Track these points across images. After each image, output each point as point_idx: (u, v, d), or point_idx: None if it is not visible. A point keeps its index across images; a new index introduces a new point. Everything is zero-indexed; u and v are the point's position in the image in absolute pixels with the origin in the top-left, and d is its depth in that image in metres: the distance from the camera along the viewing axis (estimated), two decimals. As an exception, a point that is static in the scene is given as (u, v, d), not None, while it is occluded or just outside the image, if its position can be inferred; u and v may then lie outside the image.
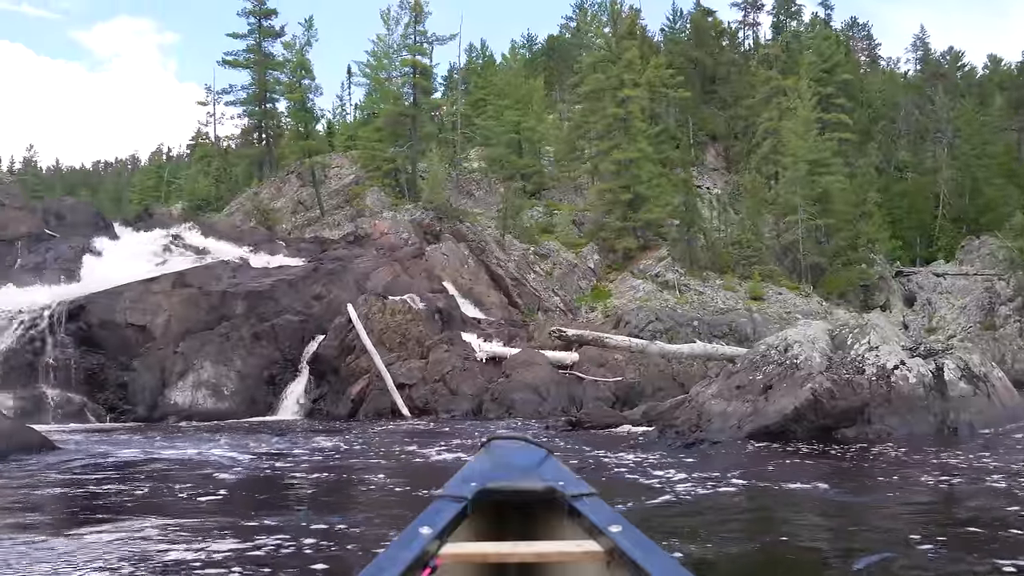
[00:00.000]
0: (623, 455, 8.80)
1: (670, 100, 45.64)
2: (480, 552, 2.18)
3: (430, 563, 1.99)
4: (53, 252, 23.88)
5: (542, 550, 2.20)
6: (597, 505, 2.33)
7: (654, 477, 7.02)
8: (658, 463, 7.96)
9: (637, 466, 7.73)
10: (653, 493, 6.05)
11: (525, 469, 2.57)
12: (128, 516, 5.56)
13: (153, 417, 16.94)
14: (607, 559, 2.10)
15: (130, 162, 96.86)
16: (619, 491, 6.34)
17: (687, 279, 31.03)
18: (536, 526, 2.54)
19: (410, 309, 19.41)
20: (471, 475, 2.50)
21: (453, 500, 2.31)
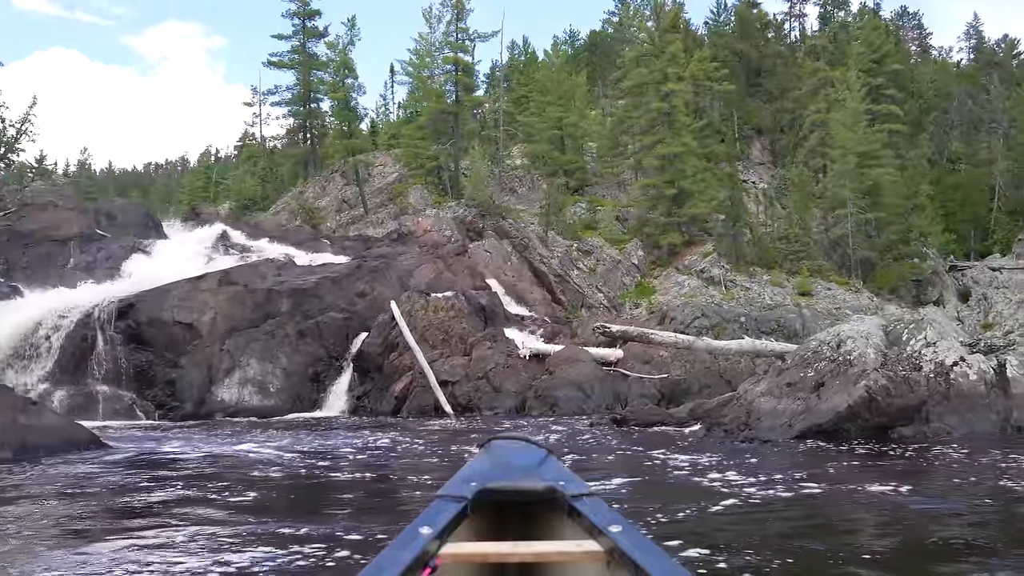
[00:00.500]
0: (673, 454, 8.57)
1: (714, 93, 45.02)
2: (480, 552, 2.17)
3: (430, 563, 1.99)
4: (104, 252, 24.36)
5: (542, 550, 2.19)
6: (597, 505, 2.32)
7: (711, 479, 6.77)
8: (712, 464, 7.71)
9: (692, 467, 7.49)
10: (714, 497, 5.80)
11: (525, 469, 2.57)
12: (166, 517, 5.52)
13: (200, 414, 17.10)
14: (607, 559, 2.10)
15: (180, 164, 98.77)
16: (678, 495, 6.12)
17: (733, 275, 30.54)
18: (536, 526, 2.54)
19: (453, 306, 19.34)
20: (471, 475, 2.50)
21: (453, 500, 2.31)
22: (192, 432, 12.78)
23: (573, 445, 9.78)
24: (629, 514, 4.98)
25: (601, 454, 8.80)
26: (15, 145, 38.48)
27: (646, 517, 4.96)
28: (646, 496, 6.04)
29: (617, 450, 9.09)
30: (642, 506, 5.38)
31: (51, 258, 23.71)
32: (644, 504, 5.46)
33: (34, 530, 5.25)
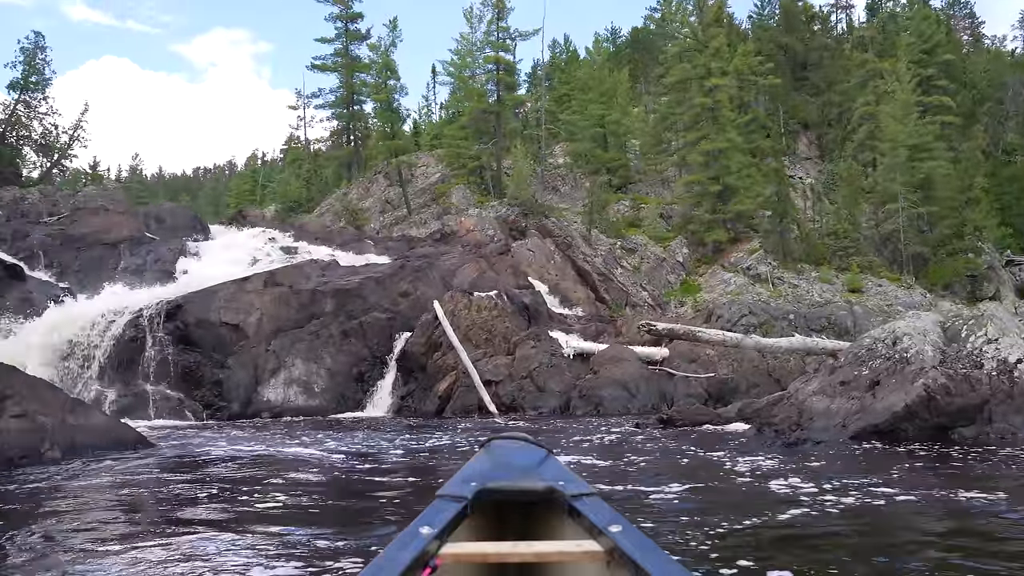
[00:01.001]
0: (727, 456, 8.30)
1: (759, 88, 44.38)
2: (480, 552, 2.17)
3: (430, 563, 1.99)
4: (153, 254, 24.74)
5: (542, 550, 2.18)
6: (597, 505, 2.32)
7: (771, 484, 6.43)
8: (770, 467, 7.42)
9: (749, 471, 7.20)
10: (779, 506, 5.46)
11: (525, 469, 2.56)
12: (205, 520, 5.48)
13: (247, 413, 17.23)
14: (607, 559, 2.09)
15: (227, 168, 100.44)
16: (741, 503, 5.84)
17: (780, 272, 30.05)
18: (536, 526, 2.54)
19: (496, 305, 19.24)
20: (471, 475, 2.49)
21: (453, 500, 2.31)
22: (238, 432, 12.85)
23: (621, 446, 9.57)
24: (695, 525, 4.74)
25: (651, 456, 8.59)
26: (68, 151, 39.53)
27: (714, 528, 4.69)
28: (708, 504, 5.78)
29: (668, 452, 8.86)
30: (706, 516, 5.10)
31: (102, 261, 24.14)
32: (708, 514, 5.18)
33: (78, 529, 5.25)
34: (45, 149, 38.64)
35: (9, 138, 36.87)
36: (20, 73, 36.54)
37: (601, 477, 7.08)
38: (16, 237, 24.52)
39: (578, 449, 9.18)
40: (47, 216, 26.59)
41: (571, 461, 8.10)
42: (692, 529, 4.62)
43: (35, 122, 37.77)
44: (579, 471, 7.42)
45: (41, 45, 37.31)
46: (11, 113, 36.91)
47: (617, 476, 7.12)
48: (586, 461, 8.13)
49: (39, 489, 6.81)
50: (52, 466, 7.90)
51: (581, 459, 8.24)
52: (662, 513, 5.34)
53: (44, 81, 37.31)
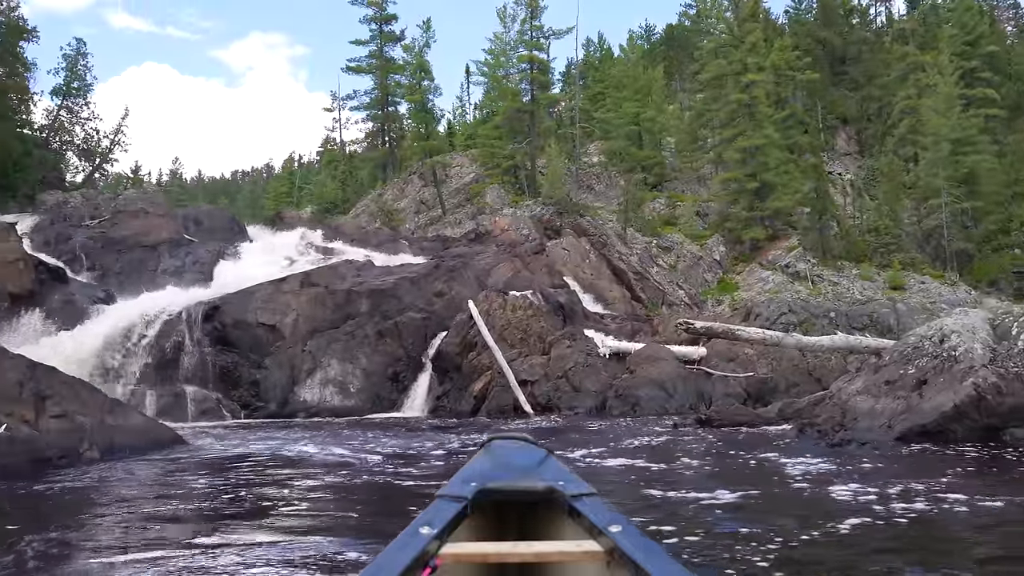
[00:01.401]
0: (772, 458, 8.05)
1: (797, 83, 43.73)
2: (480, 552, 2.17)
3: (430, 563, 1.98)
4: (192, 256, 25.01)
5: (542, 550, 2.18)
6: (597, 505, 2.31)
7: (822, 489, 6.20)
8: (818, 470, 7.16)
9: (798, 475, 6.95)
10: (838, 512, 5.14)
11: (525, 469, 2.56)
12: (234, 523, 5.44)
13: (283, 413, 17.32)
14: (607, 559, 2.09)
15: (265, 170, 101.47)
16: (794, 509, 5.61)
17: (820, 269, 29.60)
18: (536, 526, 2.54)
19: (531, 305, 19.13)
20: (471, 475, 2.49)
21: (453, 500, 2.31)
22: (273, 432, 12.90)
23: (664, 448, 9.38)
24: (755, 537, 4.53)
25: (697, 459, 8.38)
26: (109, 155, 40.17)
27: (775, 539, 4.49)
28: (764, 512, 5.56)
29: (712, 454, 8.65)
30: (765, 525, 4.84)
31: (142, 263, 24.46)
32: (766, 523, 4.95)
33: (112, 530, 5.25)
34: (87, 154, 39.31)
35: (53, 143, 37.55)
36: (63, 79, 37.21)
37: (650, 481, 6.88)
38: (59, 240, 24.95)
39: (620, 451, 9.01)
40: (89, 219, 27.00)
41: (618, 465, 7.92)
42: (752, 541, 4.43)
43: (77, 127, 38.47)
44: (626, 475, 7.24)
45: (83, 51, 37.99)
46: (54, 118, 37.60)
47: (666, 480, 6.94)
48: (630, 464, 7.96)
49: (76, 489, 6.85)
50: (90, 466, 7.96)
51: (626, 462, 8.04)
52: (718, 521, 5.14)
53: (86, 87, 37.97)
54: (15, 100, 33.00)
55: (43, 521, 5.57)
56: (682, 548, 4.27)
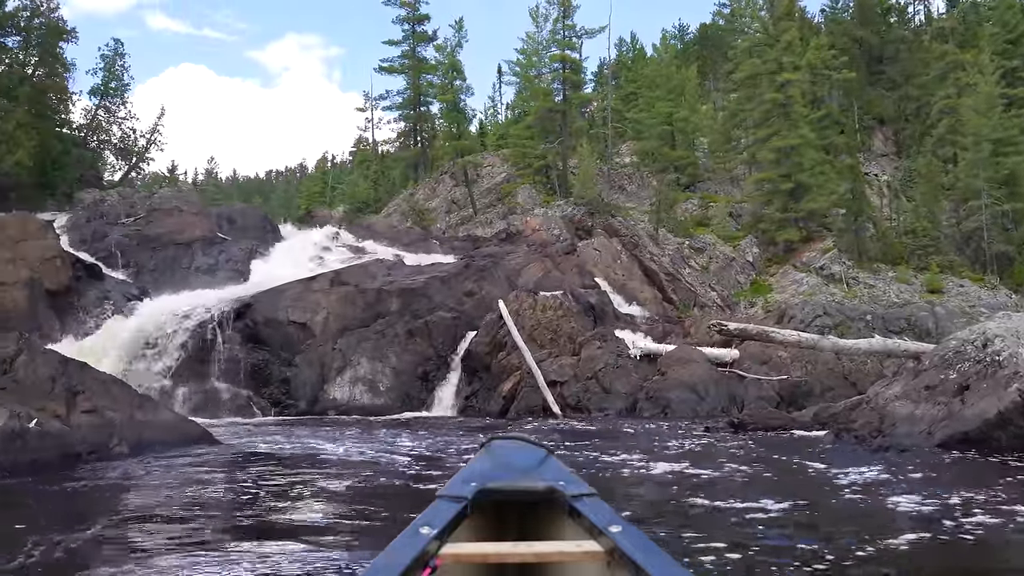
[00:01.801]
0: (811, 464, 7.79)
1: (833, 83, 43.06)
2: (480, 552, 2.17)
3: (430, 563, 1.98)
4: (224, 254, 25.22)
5: (542, 550, 2.18)
6: (597, 505, 2.31)
7: (872, 498, 5.93)
8: (864, 479, 6.85)
9: (846, 483, 6.64)
10: (891, 524, 5.01)
11: (525, 469, 2.56)
12: (257, 522, 5.40)
13: (314, 411, 17.37)
14: (607, 559, 2.09)
15: (298, 170, 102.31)
16: (840, 520, 5.37)
17: (855, 271, 29.07)
18: (536, 526, 2.54)
19: (561, 305, 19.01)
20: (471, 475, 2.49)
21: (453, 500, 2.31)
22: (303, 430, 12.91)
23: (700, 452, 9.17)
24: (810, 554, 4.31)
25: (734, 464, 8.15)
26: (145, 155, 40.69)
27: (829, 554, 4.29)
28: (813, 523, 5.34)
29: (749, 459, 8.42)
30: (817, 539, 4.65)
31: (176, 261, 24.71)
32: (818, 536, 4.72)
33: (138, 526, 5.23)
34: (124, 153, 39.84)
35: (90, 142, 38.10)
36: (101, 79, 37.73)
37: (689, 489, 6.65)
38: (95, 238, 25.29)
39: (654, 455, 8.83)
40: (125, 217, 27.35)
41: (654, 471, 7.71)
42: (804, 558, 4.24)
43: (114, 126, 38.99)
44: (663, 483, 7.00)
45: (120, 52, 38.49)
46: (92, 118, 38.14)
47: (705, 488, 6.73)
48: (667, 470, 7.76)
49: (105, 485, 6.86)
50: (120, 461, 7.98)
51: (662, 468, 7.81)
52: (764, 535, 4.90)
53: (123, 87, 38.47)
54: (54, 100, 33.53)
55: (71, 517, 5.56)
56: (729, 565, 4.09)
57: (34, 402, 7.89)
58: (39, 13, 32.64)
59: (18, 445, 6.86)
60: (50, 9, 33.17)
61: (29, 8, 32.46)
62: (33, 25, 32.54)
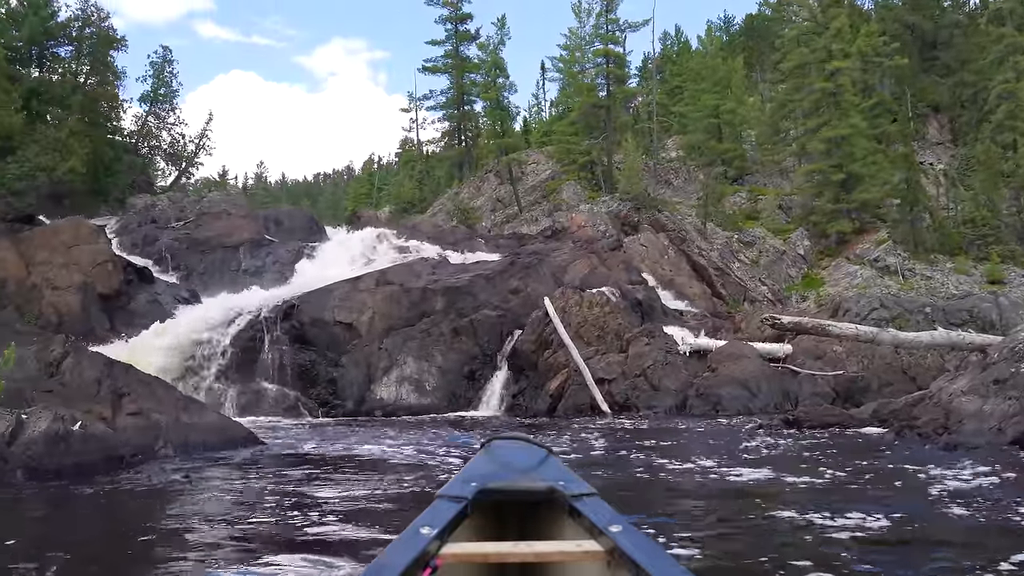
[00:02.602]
0: (878, 465, 7.33)
1: (884, 70, 41.96)
2: (480, 552, 2.15)
3: (430, 563, 1.97)
4: (272, 256, 25.41)
5: (542, 550, 2.16)
6: (598, 505, 2.30)
7: (958, 506, 5.41)
8: (957, 487, 6.22)
9: (940, 492, 6.02)
10: (993, 544, 4.50)
11: (525, 469, 2.55)
12: (301, 525, 5.26)
13: (360, 411, 17.33)
14: (608, 559, 2.08)
15: (345, 172, 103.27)
16: (936, 532, 4.84)
17: (911, 263, 28.26)
18: (536, 526, 2.53)
19: (608, 301, 18.71)
20: (471, 475, 2.48)
21: (453, 500, 2.30)
22: (349, 431, 12.85)
23: (755, 453, 8.76)
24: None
25: (792, 464, 7.71)
26: (194, 159, 41.32)
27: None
28: (898, 535, 4.79)
29: (809, 459, 7.95)
30: (917, 562, 4.17)
31: (224, 263, 24.97)
32: (915, 559, 4.24)
33: (183, 528, 5.14)
34: (173, 158, 40.52)
35: (141, 148, 38.80)
36: (150, 86, 38.40)
37: (757, 497, 6.14)
38: (146, 242, 25.68)
39: (711, 456, 8.46)
40: (175, 221, 27.75)
41: (714, 474, 7.34)
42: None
43: (164, 132, 39.66)
44: (727, 489, 6.58)
45: (168, 59, 39.16)
46: (142, 124, 38.83)
47: (775, 496, 6.16)
48: (727, 473, 7.35)
49: (149, 488, 6.82)
50: (165, 463, 7.95)
51: (722, 471, 7.37)
52: (854, 552, 4.29)
53: (172, 93, 39.13)
54: (106, 107, 34.19)
55: (114, 520, 5.50)
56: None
57: (80, 404, 7.90)
58: (90, 23, 33.31)
59: (62, 448, 6.85)
60: (100, 19, 33.87)
61: (81, 18, 33.15)
62: (85, 35, 33.24)
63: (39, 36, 31.58)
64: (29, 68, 31.90)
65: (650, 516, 5.13)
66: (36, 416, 6.85)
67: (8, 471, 6.50)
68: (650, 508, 5.72)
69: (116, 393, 8.30)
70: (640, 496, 6.47)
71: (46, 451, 6.69)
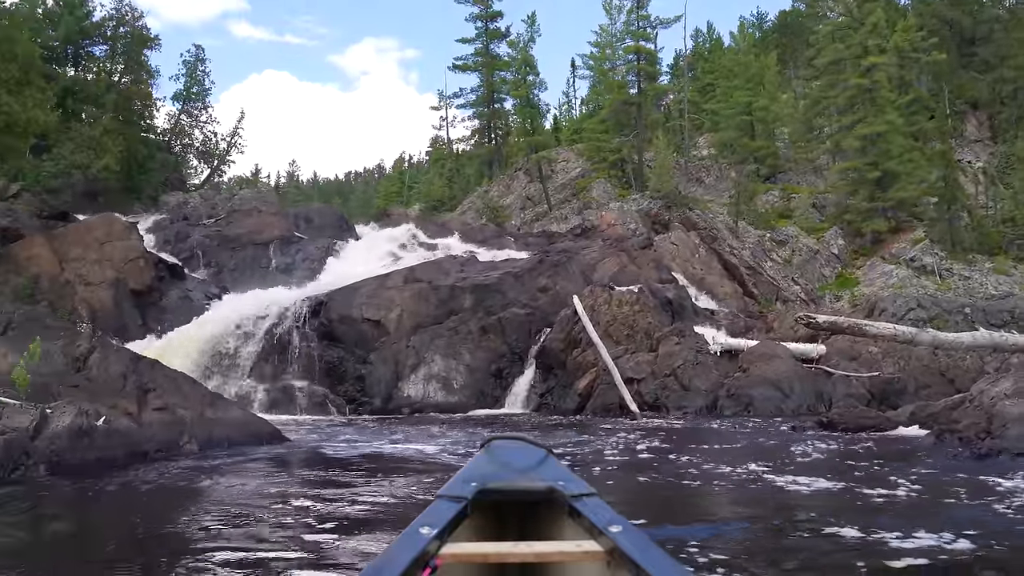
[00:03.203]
0: (921, 472, 6.99)
1: (921, 66, 41.16)
2: (480, 552, 2.16)
3: (430, 563, 1.97)
4: (301, 253, 25.48)
5: (542, 550, 2.17)
6: (597, 505, 2.31)
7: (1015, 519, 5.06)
8: (999, 494, 5.86)
9: (995, 500, 5.62)
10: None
11: (525, 469, 2.56)
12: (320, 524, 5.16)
13: (388, 409, 17.29)
14: (607, 559, 2.09)
15: (376, 171, 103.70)
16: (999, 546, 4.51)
17: (949, 263, 27.66)
18: (536, 526, 2.54)
19: (637, 300, 18.49)
20: (471, 475, 2.48)
21: (453, 500, 2.30)
22: (375, 428, 12.80)
23: (793, 458, 8.44)
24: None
25: (827, 468, 7.40)
26: (227, 157, 41.64)
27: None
28: (971, 558, 4.36)
29: (848, 463, 7.60)
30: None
31: (254, 260, 25.07)
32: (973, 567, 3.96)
33: (202, 525, 5.07)
34: (206, 155, 40.85)
35: (175, 146, 39.16)
36: (183, 85, 38.74)
37: (799, 510, 5.71)
38: (178, 239, 25.86)
39: (745, 459, 8.21)
40: (206, 219, 27.96)
41: (752, 483, 7.01)
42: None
43: (196, 130, 39.98)
44: (768, 498, 6.28)
45: (201, 58, 39.47)
46: (175, 123, 39.18)
47: (824, 510, 5.65)
48: (764, 477, 7.01)
49: (172, 484, 6.77)
50: (189, 458, 7.91)
51: (757, 473, 7.13)
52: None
53: (204, 91, 39.42)
54: (139, 106, 34.53)
55: (132, 517, 5.44)
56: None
57: (106, 399, 7.89)
58: (125, 22, 33.67)
59: (85, 443, 6.82)
60: (135, 18, 34.21)
61: (115, 18, 33.52)
62: (119, 34, 33.60)
63: (74, 35, 31.99)
64: (65, 67, 32.30)
65: (678, 525, 4.95)
66: (60, 411, 6.83)
67: (31, 466, 6.49)
68: (677, 516, 5.54)
69: (142, 388, 8.28)
70: (667, 503, 6.29)
71: (69, 446, 6.66)
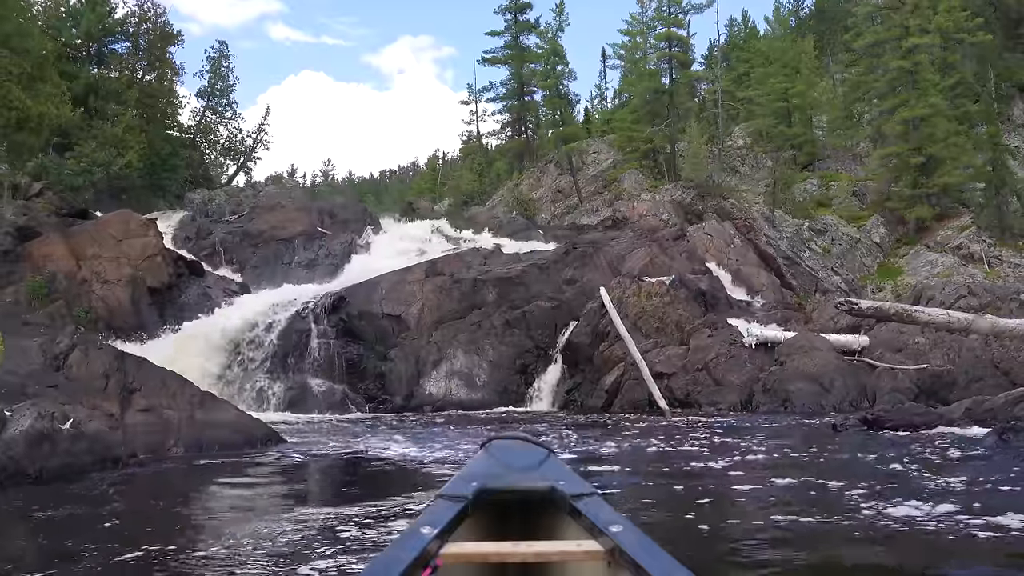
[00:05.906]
0: (988, 477, 6.08)
1: (966, 48, 39.61)
2: (481, 552, 2.13)
3: (431, 563, 1.94)
4: (324, 249, 25.01)
5: (543, 550, 2.14)
6: (598, 505, 2.28)
7: None
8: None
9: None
10: None
11: (526, 469, 2.53)
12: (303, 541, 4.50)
13: (409, 407, 16.72)
14: (608, 559, 2.07)
15: (410, 168, 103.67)
16: None
17: (997, 250, 26.40)
18: (537, 526, 2.49)
19: (668, 291, 17.63)
20: (472, 475, 2.46)
21: (454, 500, 2.27)
22: (390, 428, 12.17)
23: (840, 463, 7.52)
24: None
25: (877, 472, 6.51)
26: (252, 154, 41.42)
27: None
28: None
29: (899, 469, 6.63)
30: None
31: (277, 256, 24.67)
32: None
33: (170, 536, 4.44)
34: (230, 152, 40.61)
35: (200, 143, 38.97)
36: (207, 81, 38.48)
37: (867, 524, 4.79)
38: (200, 235, 25.54)
39: (783, 459, 7.41)
40: (230, 215, 27.62)
41: (802, 493, 6.12)
42: None
43: (221, 127, 39.73)
44: (809, 505, 5.44)
45: (225, 53, 39.21)
46: (200, 119, 38.97)
47: (890, 518, 4.89)
48: (805, 482, 6.15)
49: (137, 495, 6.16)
50: (169, 464, 7.32)
51: (798, 479, 6.26)
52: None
53: (228, 88, 39.11)
54: (163, 103, 34.34)
55: (73, 536, 4.82)
56: None
57: (85, 400, 7.32)
58: (147, 19, 33.48)
59: (46, 449, 6.20)
60: (157, 15, 34.01)
61: (137, 15, 33.35)
62: (141, 31, 33.40)
63: (96, 33, 31.83)
64: (87, 64, 32.16)
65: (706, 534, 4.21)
66: (20, 413, 6.25)
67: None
68: (707, 522, 4.80)
69: (126, 388, 7.71)
70: (698, 511, 5.52)
71: (26, 453, 6.06)
